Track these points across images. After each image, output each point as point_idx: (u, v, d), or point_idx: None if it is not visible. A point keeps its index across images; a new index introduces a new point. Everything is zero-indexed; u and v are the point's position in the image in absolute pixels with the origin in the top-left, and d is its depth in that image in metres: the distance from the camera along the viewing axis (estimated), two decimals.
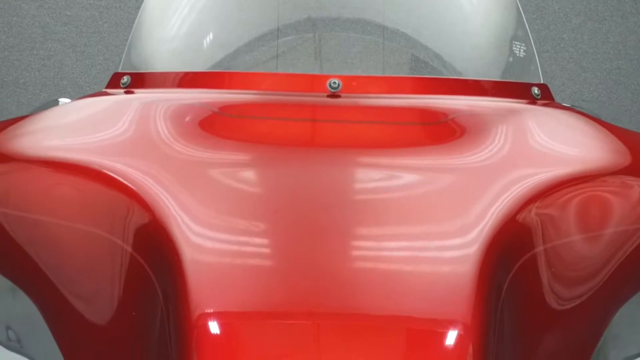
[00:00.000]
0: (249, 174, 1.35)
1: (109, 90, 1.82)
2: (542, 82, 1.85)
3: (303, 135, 1.46)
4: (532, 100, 1.74)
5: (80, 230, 1.23)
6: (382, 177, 1.33)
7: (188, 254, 1.12)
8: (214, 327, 1.05)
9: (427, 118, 1.58)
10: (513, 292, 1.17)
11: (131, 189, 1.22)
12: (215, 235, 1.17)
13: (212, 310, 1.07)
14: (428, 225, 1.21)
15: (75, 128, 1.49)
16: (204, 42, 2.13)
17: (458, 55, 2.02)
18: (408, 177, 1.33)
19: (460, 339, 1.05)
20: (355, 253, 1.17)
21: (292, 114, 1.53)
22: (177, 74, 1.83)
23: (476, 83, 1.72)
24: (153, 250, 1.16)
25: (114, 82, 1.86)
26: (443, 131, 1.50)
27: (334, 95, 1.58)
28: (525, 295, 1.20)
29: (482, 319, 1.08)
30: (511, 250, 1.19)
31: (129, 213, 1.21)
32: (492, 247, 1.16)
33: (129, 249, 1.19)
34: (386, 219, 1.22)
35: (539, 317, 1.22)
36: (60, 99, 2.05)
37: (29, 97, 4.23)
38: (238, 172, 1.35)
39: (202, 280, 1.09)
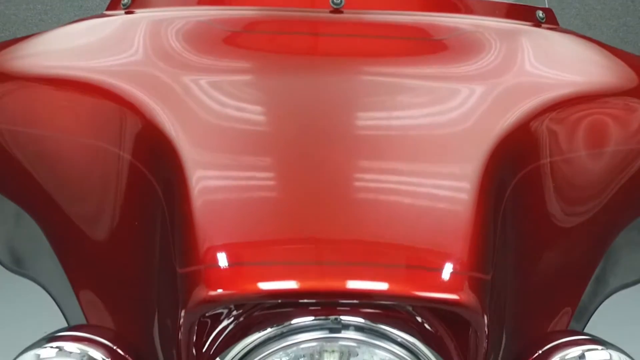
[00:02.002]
0: (251, 82, 1.32)
1: (108, 12, 1.79)
2: (547, 6, 1.82)
3: (305, 47, 1.44)
4: (537, 23, 1.71)
5: (81, 143, 1.22)
6: (386, 85, 1.30)
7: (188, 155, 1.09)
8: (217, 226, 1.02)
9: (431, 34, 1.54)
10: (516, 199, 1.15)
11: (130, 100, 1.21)
12: (215, 137, 1.15)
13: (214, 209, 1.04)
14: (433, 130, 1.19)
15: (75, 47, 1.48)
16: None
17: None
18: (413, 86, 1.30)
19: (461, 237, 1.01)
20: (359, 158, 1.13)
21: (294, 28, 1.51)
22: None
23: (481, 3, 1.68)
24: (153, 155, 1.15)
25: (114, 3, 1.83)
26: (447, 46, 1.46)
27: (336, 11, 1.55)
28: (528, 204, 1.17)
29: (483, 218, 1.04)
30: (515, 159, 1.17)
31: (127, 122, 1.20)
32: (497, 152, 1.13)
33: (129, 156, 1.17)
34: (390, 125, 1.19)
35: (540, 228, 1.19)
36: None
37: None
38: (239, 80, 1.32)
39: (204, 179, 1.07)
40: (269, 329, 0.99)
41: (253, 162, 1.10)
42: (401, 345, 0.99)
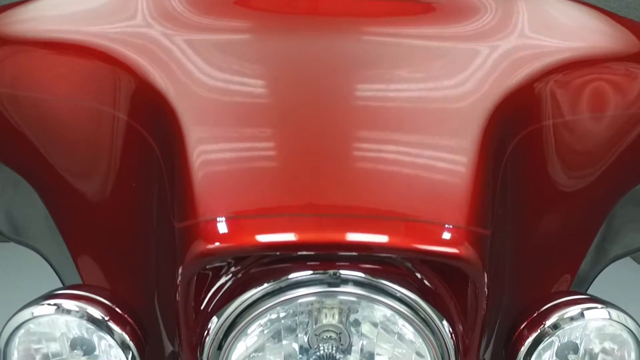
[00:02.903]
0: (249, 41, 1.32)
1: None
2: None
3: (305, 7, 1.43)
4: None
5: (78, 105, 1.21)
6: (387, 46, 1.29)
7: (185, 111, 1.09)
8: (215, 179, 1.02)
9: None
10: (516, 160, 1.14)
11: (126, 61, 1.20)
12: (212, 93, 1.14)
13: (212, 163, 1.04)
14: (434, 89, 1.18)
15: (74, 12, 1.46)
16: None
17: None
18: (414, 45, 1.29)
19: (461, 191, 1.01)
20: (359, 114, 1.12)
21: None
22: None
23: None
24: (150, 114, 1.14)
25: None
26: (448, 7, 1.46)
27: None
28: (528, 165, 1.17)
29: (483, 175, 1.04)
30: (516, 119, 1.16)
31: (123, 83, 1.19)
32: (498, 111, 1.12)
33: (125, 116, 1.17)
34: (391, 82, 1.18)
35: (540, 190, 1.19)
36: None
37: None
38: (237, 39, 1.31)
39: (201, 134, 1.07)
40: (266, 284, 0.98)
41: (251, 117, 1.10)
42: (401, 301, 0.98)
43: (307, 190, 0.99)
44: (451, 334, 1.02)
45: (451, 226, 0.96)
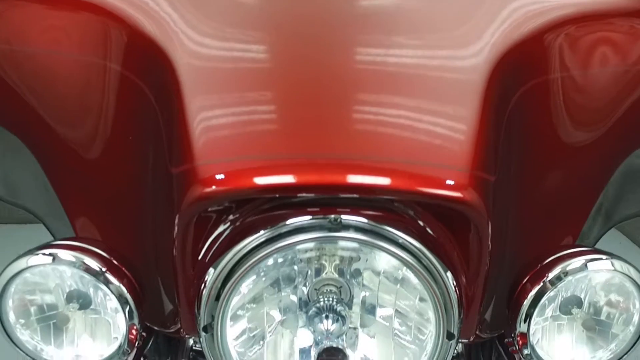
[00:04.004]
0: None
1: None
2: None
3: None
4: None
5: (72, 59, 1.19)
6: None
7: (180, 57, 1.07)
8: (212, 125, 1.00)
9: None
10: (521, 111, 1.12)
11: (117, 12, 1.17)
12: (207, 38, 1.12)
13: (210, 109, 1.02)
14: (438, 35, 1.16)
15: None
16: None
17: None
18: None
19: (465, 136, 1.00)
20: (360, 66, 1.10)
21: None
22: None
23: None
24: (143, 63, 1.12)
25: None
26: None
27: None
28: (533, 117, 1.15)
29: (487, 121, 1.02)
30: (523, 70, 1.14)
31: (115, 34, 1.17)
32: (504, 61, 1.10)
33: (118, 67, 1.14)
34: (393, 32, 1.15)
35: (544, 143, 1.17)
36: None
37: None
38: None
39: (197, 78, 1.05)
40: (263, 231, 0.96)
41: (249, 65, 1.08)
42: (404, 248, 0.96)
43: (307, 134, 0.97)
44: (455, 286, 1.01)
45: (455, 170, 0.94)
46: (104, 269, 1.04)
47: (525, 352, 1.08)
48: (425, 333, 1.03)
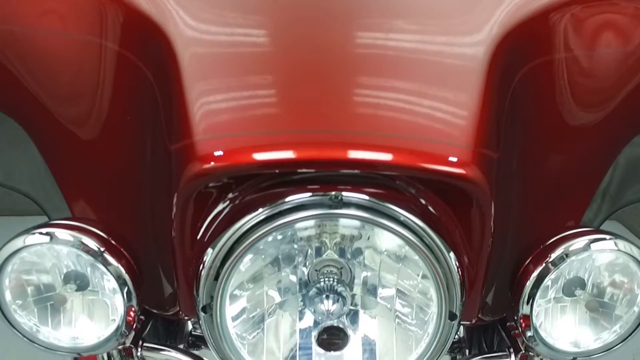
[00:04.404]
0: None
1: None
2: None
3: None
4: None
5: (66, 37, 1.17)
6: None
7: (177, 33, 1.05)
8: (211, 100, 0.98)
9: None
10: (525, 89, 1.11)
11: None
12: (205, 15, 1.10)
13: (208, 84, 1.00)
14: (443, 8, 1.14)
15: None
16: None
17: None
18: None
19: (468, 112, 0.98)
20: (360, 41, 1.09)
21: None
22: None
23: None
24: (140, 41, 1.10)
25: None
26: None
27: None
28: (537, 96, 1.13)
29: (490, 98, 1.01)
30: (528, 47, 1.13)
31: (110, 13, 1.15)
32: (510, 36, 1.09)
33: (116, 46, 1.12)
34: (396, 6, 1.14)
35: (548, 123, 1.15)
36: None
37: None
38: None
39: (195, 54, 1.03)
40: (261, 209, 0.95)
41: (248, 39, 1.07)
42: (405, 226, 0.95)
43: (308, 111, 0.96)
44: (457, 267, 0.99)
45: (458, 146, 0.93)
46: (102, 249, 1.03)
47: (528, 334, 1.07)
48: (428, 313, 1.02)
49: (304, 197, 0.94)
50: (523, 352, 1.16)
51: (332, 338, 1.00)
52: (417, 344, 1.03)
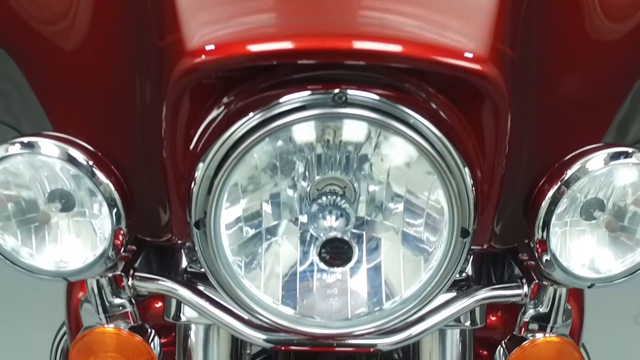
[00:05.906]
0: None
1: None
2: None
3: None
4: None
5: None
6: None
7: None
8: None
9: None
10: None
11: None
12: None
13: None
14: None
15: None
16: None
17: None
18: None
19: (485, 5, 0.90)
20: None
21: None
22: None
23: None
24: None
25: None
26: None
27: None
28: (559, 5, 1.04)
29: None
30: None
31: None
32: None
33: None
34: None
35: (569, 34, 1.06)
36: None
37: None
38: None
39: None
40: (252, 114, 0.87)
41: None
42: (417, 131, 0.87)
43: (309, 1, 0.88)
44: (470, 179, 0.92)
45: (474, 41, 0.86)
46: (90, 162, 0.96)
47: (545, 258, 1.00)
48: (437, 231, 0.95)
49: (302, 96, 0.85)
50: (536, 281, 1.09)
51: (335, 254, 0.93)
52: (426, 265, 0.96)
